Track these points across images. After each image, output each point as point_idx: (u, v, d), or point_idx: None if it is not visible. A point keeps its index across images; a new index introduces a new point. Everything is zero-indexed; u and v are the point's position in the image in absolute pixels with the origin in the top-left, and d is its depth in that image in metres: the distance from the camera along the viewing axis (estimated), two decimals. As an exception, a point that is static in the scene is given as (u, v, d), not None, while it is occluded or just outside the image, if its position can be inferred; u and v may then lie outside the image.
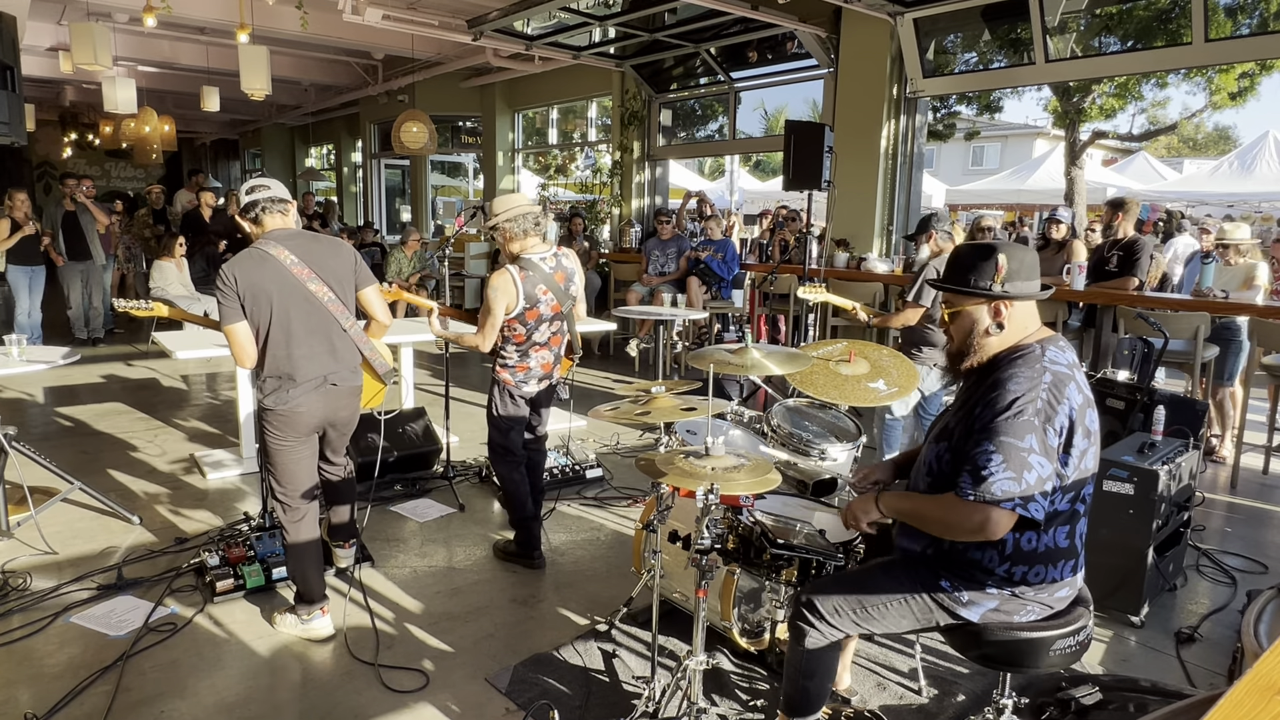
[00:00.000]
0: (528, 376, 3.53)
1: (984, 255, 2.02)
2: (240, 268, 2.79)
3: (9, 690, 2.64)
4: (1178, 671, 2.92)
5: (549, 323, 3.49)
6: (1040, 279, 2.08)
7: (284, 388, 2.88)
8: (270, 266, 2.82)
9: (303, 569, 3.00)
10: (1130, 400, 4.05)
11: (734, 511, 2.45)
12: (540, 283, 3.38)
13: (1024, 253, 2.05)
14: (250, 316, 2.81)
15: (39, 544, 3.67)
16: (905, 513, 2.06)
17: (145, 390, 6.82)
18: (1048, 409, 1.89)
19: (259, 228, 2.91)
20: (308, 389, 2.90)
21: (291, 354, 2.86)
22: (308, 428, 2.97)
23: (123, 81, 9.29)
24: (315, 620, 2.99)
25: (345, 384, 3.02)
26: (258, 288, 2.79)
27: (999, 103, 15.34)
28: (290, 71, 11.91)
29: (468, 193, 15.99)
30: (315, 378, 2.92)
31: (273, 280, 2.81)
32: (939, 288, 2.14)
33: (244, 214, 2.91)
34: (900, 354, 3.69)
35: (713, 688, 2.68)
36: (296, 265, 2.85)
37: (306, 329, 2.88)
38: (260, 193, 2.89)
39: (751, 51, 8.82)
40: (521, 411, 3.59)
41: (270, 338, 2.84)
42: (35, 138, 15.62)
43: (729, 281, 7.94)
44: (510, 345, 3.49)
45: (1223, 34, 6.66)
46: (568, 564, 3.71)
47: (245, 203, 2.90)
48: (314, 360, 2.91)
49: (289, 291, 2.84)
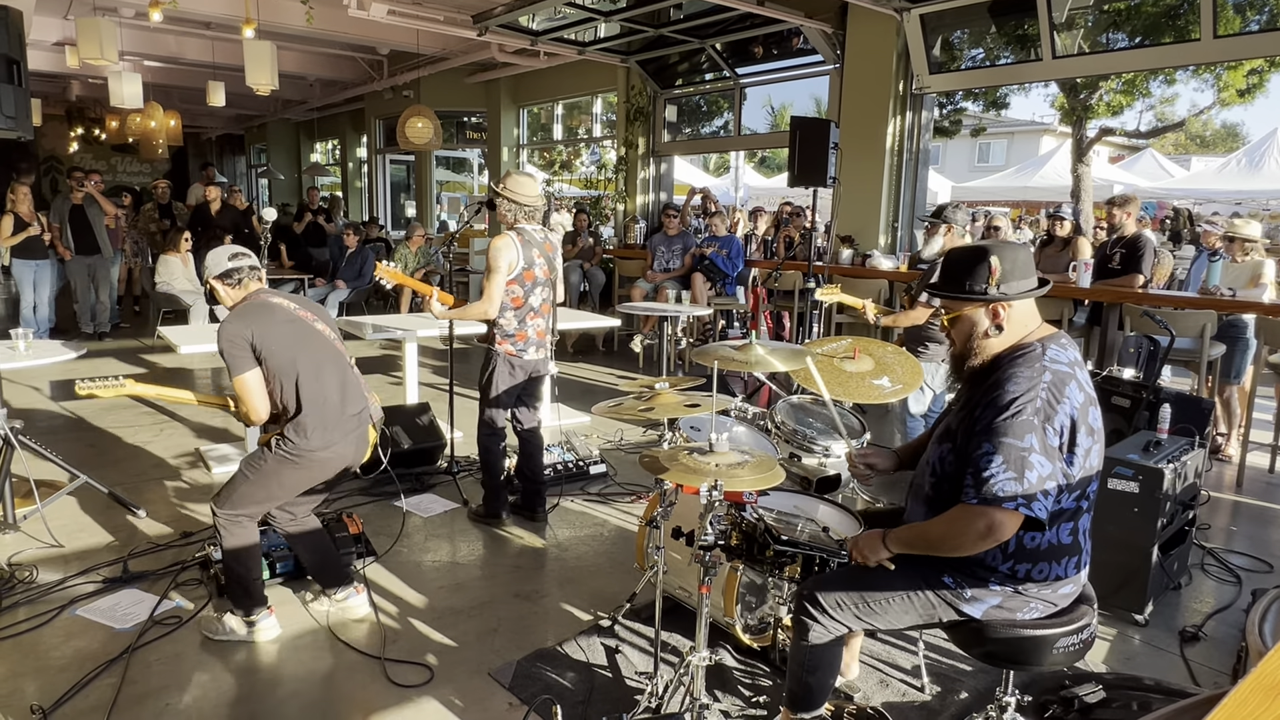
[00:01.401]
0: (526, 345, 3.86)
1: (977, 258, 2.02)
2: (245, 319, 2.74)
3: (15, 682, 2.65)
4: (1182, 670, 2.92)
5: (541, 287, 3.85)
6: (1037, 275, 2.08)
7: (327, 432, 2.79)
8: (279, 312, 2.81)
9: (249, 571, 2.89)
10: (1136, 398, 4.03)
11: (737, 508, 2.45)
12: (534, 247, 3.80)
13: (1016, 251, 2.05)
14: (269, 361, 2.73)
15: (45, 537, 3.69)
16: (912, 543, 2.03)
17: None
18: (1047, 408, 1.89)
19: (242, 290, 2.87)
20: (346, 433, 2.85)
21: (323, 396, 2.79)
22: (333, 472, 2.90)
23: (129, 76, 9.30)
24: (264, 620, 2.92)
25: (366, 426, 2.96)
26: (270, 333, 2.74)
27: (1005, 99, 15.29)
28: (295, 67, 11.92)
29: (472, 188, 15.99)
30: (349, 422, 2.86)
31: (285, 323, 2.80)
32: (935, 294, 2.13)
33: (225, 279, 2.85)
34: (905, 351, 3.69)
35: (716, 684, 2.69)
36: (300, 309, 2.88)
37: (329, 370, 2.85)
38: (243, 260, 2.87)
39: (757, 47, 8.80)
40: (517, 382, 3.90)
41: (301, 378, 2.76)
42: (42, 132, 15.65)
43: (733, 278, 7.93)
44: (509, 313, 3.79)
45: (1231, 30, 6.61)
46: (571, 559, 3.71)
47: (228, 268, 2.85)
48: (342, 403, 2.86)
49: (304, 332, 2.83)
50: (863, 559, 2.09)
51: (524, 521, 4.08)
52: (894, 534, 2.07)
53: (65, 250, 8.32)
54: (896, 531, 2.07)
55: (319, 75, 12.78)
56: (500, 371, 3.84)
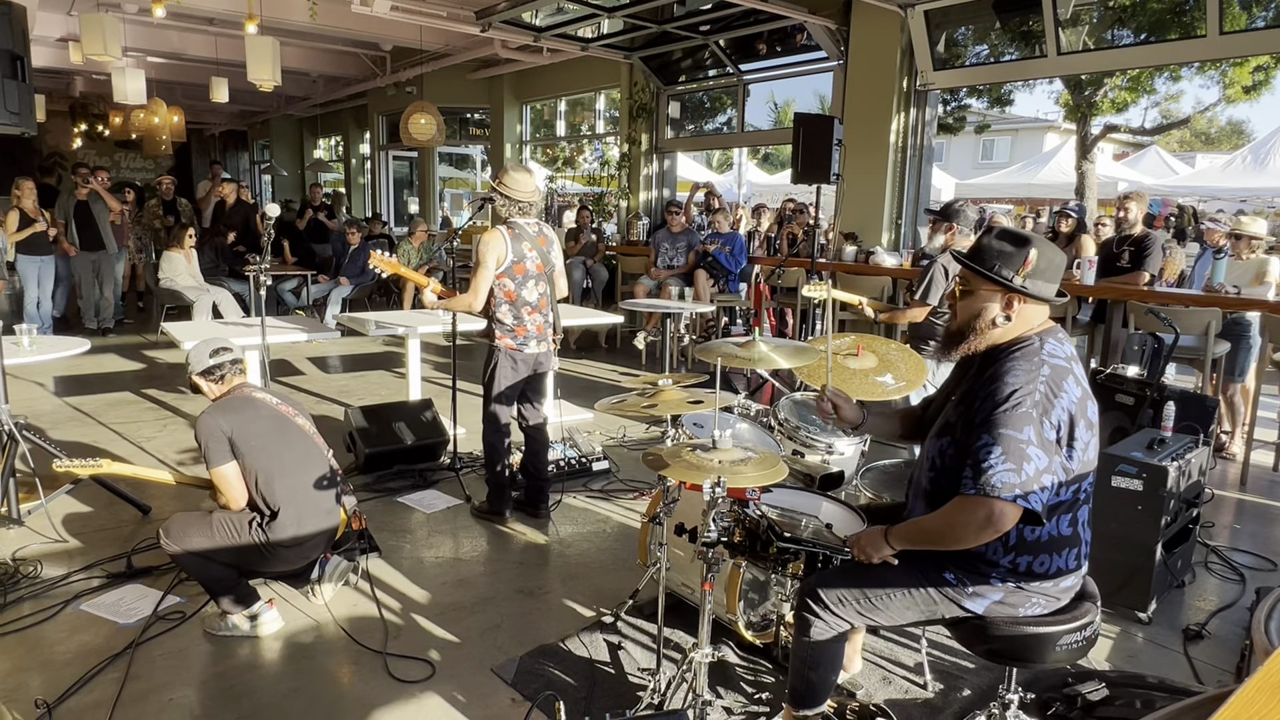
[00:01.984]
0: (527, 338, 3.88)
1: (1018, 244, 1.99)
2: (225, 415, 2.83)
3: (20, 676, 2.66)
4: (1185, 668, 2.92)
5: (535, 281, 3.85)
6: (1060, 286, 2.05)
7: (299, 524, 2.87)
8: (260, 407, 2.92)
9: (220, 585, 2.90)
10: (1140, 396, 4.02)
11: (740, 505, 2.45)
12: (526, 241, 3.80)
13: (1055, 254, 2.02)
14: (246, 457, 2.83)
15: (49, 532, 3.70)
16: (913, 538, 2.02)
17: (154, 380, 6.86)
18: (1045, 402, 1.89)
19: (224, 385, 2.97)
20: (320, 526, 2.93)
21: (302, 490, 2.90)
22: (292, 565, 2.99)
23: (132, 72, 9.31)
24: (265, 614, 2.95)
25: (336, 519, 3.04)
26: (249, 430, 2.83)
27: (1010, 96, 15.24)
28: (299, 63, 11.91)
29: (475, 185, 15.99)
30: (326, 514, 2.96)
31: (266, 417, 2.90)
32: (963, 263, 2.07)
33: (207, 375, 2.95)
34: (908, 348, 3.68)
35: (718, 680, 2.69)
36: (281, 404, 2.99)
37: (311, 462, 2.96)
38: (224, 355, 2.97)
39: (761, 43, 8.78)
40: (519, 378, 3.92)
41: (276, 476, 2.85)
42: (45, 128, 15.68)
43: (736, 275, 7.92)
44: (504, 307, 3.82)
45: (1237, 27, 6.59)
46: (574, 556, 3.72)
47: (209, 365, 2.94)
48: (324, 495, 2.97)
49: (284, 428, 2.92)
50: (865, 556, 2.09)
51: (527, 518, 4.08)
52: (896, 530, 2.06)
53: (70, 246, 8.33)
54: (898, 528, 2.07)
55: (322, 71, 12.77)
56: (502, 366, 3.86)
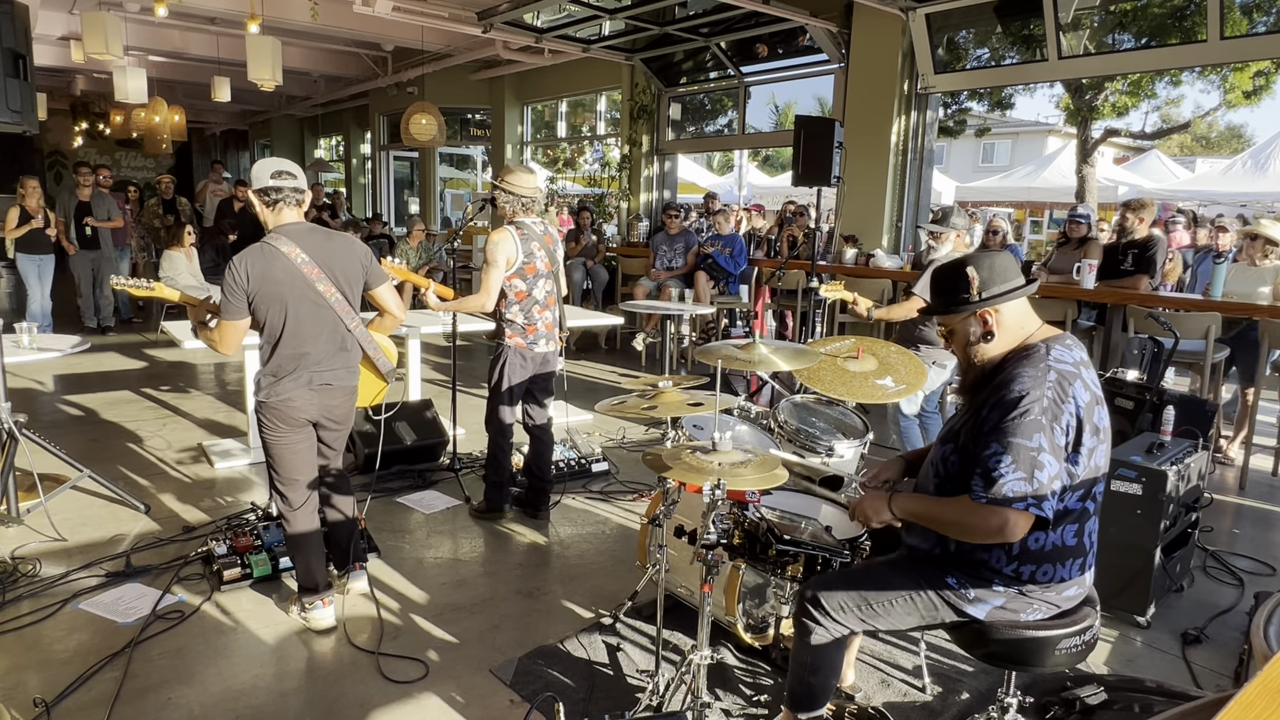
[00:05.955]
0: (536, 337, 3.88)
1: (955, 272, 2.07)
2: (252, 264, 2.75)
3: (19, 675, 2.66)
4: (1183, 672, 2.92)
5: (544, 279, 3.87)
6: (1021, 275, 2.08)
7: (279, 382, 2.86)
8: (281, 264, 2.79)
9: (305, 559, 3.01)
10: (1139, 400, 4.02)
11: (740, 507, 2.45)
12: (534, 240, 3.81)
13: (991, 258, 2.07)
14: (256, 314, 2.80)
15: (48, 531, 3.70)
16: (920, 515, 2.04)
17: (154, 379, 6.86)
18: (1054, 408, 1.89)
19: (275, 214, 2.83)
20: (300, 384, 2.89)
21: (295, 352, 2.85)
22: (300, 421, 2.94)
23: (133, 71, 9.32)
24: (316, 610, 2.99)
25: (340, 383, 3.00)
26: (267, 287, 2.77)
27: (1010, 99, 15.23)
28: (300, 63, 11.92)
29: (476, 185, 15.99)
30: (311, 375, 2.90)
31: (283, 278, 2.79)
32: (929, 314, 2.21)
33: (262, 195, 2.81)
34: (908, 351, 3.68)
35: (717, 682, 2.69)
36: (307, 264, 2.81)
37: (312, 329, 2.87)
38: (285, 180, 2.80)
39: (762, 46, 8.78)
40: (527, 376, 3.91)
41: (276, 335, 2.83)
42: (47, 127, 15.69)
43: (736, 277, 7.92)
44: (515, 307, 3.83)
45: (1238, 32, 6.60)
46: (573, 557, 3.71)
47: (268, 185, 2.79)
48: (314, 359, 2.90)
49: (297, 290, 2.82)
50: (865, 519, 2.12)
51: (526, 519, 4.08)
52: (902, 500, 2.06)
53: (70, 245, 8.33)
54: (905, 497, 2.07)
55: (323, 71, 12.78)
56: (511, 364, 3.86)
